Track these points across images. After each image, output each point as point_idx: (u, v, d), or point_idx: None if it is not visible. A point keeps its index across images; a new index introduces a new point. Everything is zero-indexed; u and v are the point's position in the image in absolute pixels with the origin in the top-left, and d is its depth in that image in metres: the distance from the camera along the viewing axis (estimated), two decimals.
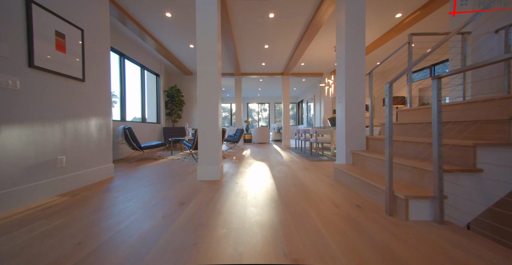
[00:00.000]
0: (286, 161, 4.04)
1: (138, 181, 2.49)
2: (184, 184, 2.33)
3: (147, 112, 6.40)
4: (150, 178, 2.66)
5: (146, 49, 5.60)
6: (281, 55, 6.09)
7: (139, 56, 5.42)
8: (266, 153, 5.34)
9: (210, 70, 2.55)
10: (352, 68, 2.58)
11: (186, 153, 5.36)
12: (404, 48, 2.66)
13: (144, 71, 5.69)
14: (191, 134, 5.49)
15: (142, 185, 2.31)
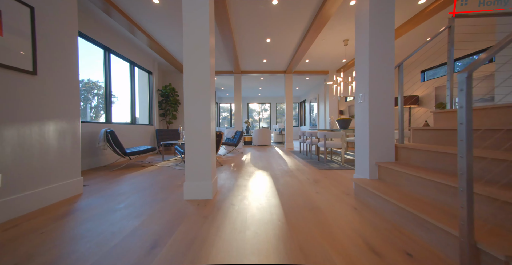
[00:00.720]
0: (292, 169, 3.53)
1: (110, 201, 1.99)
2: (165, 207, 1.82)
3: (138, 112, 5.90)
4: (126, 195, 2.16)
5: (137, 44, 5.10)
6: (284, 51, 5.57)
7: (128, 51, 4.92)
8: (268, 158, 4.83)
9: (201, 67, 2.05)
10: (377, 60, 2.07)
11: (179, 159, 4.85)
12: (435, 34, 2.14)
13: (134, 68, 5.19)
14: None
15: (111, 208, 1.80)
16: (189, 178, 2.04)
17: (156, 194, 2.18)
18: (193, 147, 2.05)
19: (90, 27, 3.80)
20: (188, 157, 2.04)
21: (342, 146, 3.84)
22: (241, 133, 5.88)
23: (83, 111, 4.27)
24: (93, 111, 4.95)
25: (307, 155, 5.14)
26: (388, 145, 2.06)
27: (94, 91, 5.11)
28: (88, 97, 5.03)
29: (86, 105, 4.75)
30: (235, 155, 5.49)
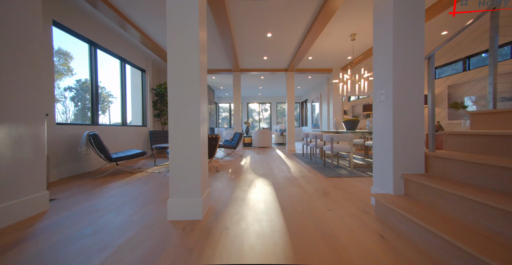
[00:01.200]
0: (296, 176, 3.16)
1: (77, 222, 1.63)
2: (142, 233, 1.46)
3: (131, 113, 5.55)
4: (100, 213, 1.79)
5: (128, 40, 4.74)
6: (286, 47, 5.20)
7: (118, 47, 4.56)
8: (269, 163, 4.46)
9: (189, 65, 1.69)
10: (404, 49, 1.70)
11: None
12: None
13: (124, 65, 4.83)
14: None
15: (75, 235, 1.44)
16: (174, 193, 1.67)
17: (136, 212, 1.82)
18: (179, 156, 1.68)
19: (73, 20, 3.44)
20: (173, 168, 1.68)
21: (351, 150, 3.47)
22: (240, 135, 5.52)
23: (81, 112, 3.98)
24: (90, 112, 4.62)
25: (311, 159, 4.77)
26: (417, 153, 1.69)
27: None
28: (86, 97, 4.70)
29: (84, 105, 4.44)
30: (233, 159, 5.13)
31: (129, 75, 5.45)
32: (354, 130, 4.41)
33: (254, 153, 6.32)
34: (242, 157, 5.46)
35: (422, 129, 1.68)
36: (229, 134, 5.88)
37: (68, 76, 3.87)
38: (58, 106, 3.62)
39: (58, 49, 3.62)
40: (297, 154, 5.81)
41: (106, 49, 4.19)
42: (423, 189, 1.52)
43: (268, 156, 5.51)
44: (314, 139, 4.45)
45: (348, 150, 3.50)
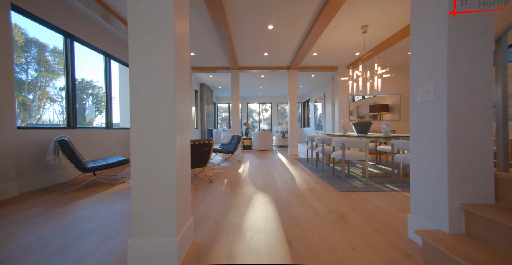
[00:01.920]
0: (303, 190, 2.67)
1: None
2: None
3: (120, 115, 5.07)
4: (36, 256, 1.31)
5: (114, 34, 4.26)
6: (289, 40, 4.72)
7: (101, 40, 4.08)
8: (270, 170, 3.97)
9: (159, 60, 1.20)
10: (464, 26, 1.21)
11: None
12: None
13: (109, 60, 4.34)
14: None
15: None
16: (137, 233, 1.18)
17: (90, 254, 1.32)
18: (145, 179, 1.19)
19: (42, 6, 2.96)
20: (136, 196, 1.19)
21: (366, 158, 2.97)
22: (239, 138, 5.03)
23: (79, 113, 3.62)
24: (87, 113, 4.23)
25: (317, 166, 4.28)
26: (484, 174, 1.20)
27: (88, 91, 4.35)
28: (83, 97, 4.28)
29: (82, 106, 4.07)
30: (231, 165, 4.63)
31: (117, 73, 4.97)
32: (366, 133, 3.92)
33: (254, 157, 5.83)
34: (240, 162, 4.97)
35: (491, 140, 1.19)
36: (226, 137, 5.40)
37: (63, 75, 3.62)
38: (55, 106, 3.56)
39: (54, 48, 3.44)
40: (300, 159, 5.32)
41: (85, 42, 3.71)
42: (497, 228, 1.03)
43: (269, 162, 5.02)
44: (320, 143, 3.96)
45: (362, 158, 3.01)
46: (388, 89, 6.67)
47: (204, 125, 8.78)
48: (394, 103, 6.90)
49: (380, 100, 7.09)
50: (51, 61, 3.52)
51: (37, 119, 3.52)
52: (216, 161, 5.20)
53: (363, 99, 7.97)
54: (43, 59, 3.38)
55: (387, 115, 7.00)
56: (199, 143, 2.89)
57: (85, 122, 4.23)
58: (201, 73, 7.37)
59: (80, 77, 3.91)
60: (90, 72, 4.20)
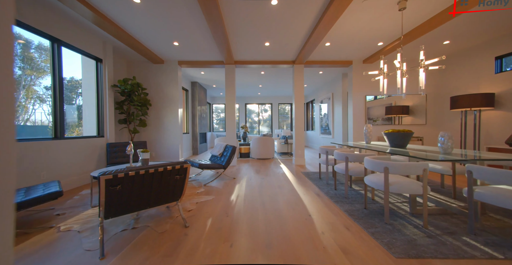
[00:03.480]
0: (332, 247, 1.63)
1: None
2: None
3: (83, 120, 4.00)
4: None
5: (68, 15, 3.20)
6: (298, 23, 3.66)
7: (48, 21, 3.02)
8: (275, 198, 2.92)
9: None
10: None
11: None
12: None
13: (58, 48, 3.26)
14: (141, 160, 3.08)
15: None
16: None
17: None
18: None
19: None
20: None
21: (425, 193, 1.92)
22: (233, 149, 3.97)
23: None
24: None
25: (335, 189, 3.22)
26: None
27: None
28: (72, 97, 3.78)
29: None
30: (223, 184, 3.58)
31: (77, 66, 3.91)
32: (405, 147, 2.87)
33: (252, 171, 4.77)
34: (235, 180, 3.91)
35: None
36: (218, 147, 4.34)
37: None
38: (44, 107, 3.25)
39: (39, 44, 3.11)
40: (310, 175, 4.26)
41: (20, 22, 2.65)
42: None
43: (271, 179, 3.97)
44: (342, 159, 2.90)
45: (418, 192, 1.95)
46: (409, 88, 5.63)
47: (195, 128, 7.73)
48: (416, 104, 5.86)
49: (397, 100, 6.06)
50: (37, 58, 3.18)
51: (24, 120, 3.16)
52: (205, 177, 4.14)
53: (376, 100, 6.94)
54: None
55: (406, 119, 5.96)
56: (165, 169, 1.84)
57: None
58: (191, 69, 6.31)
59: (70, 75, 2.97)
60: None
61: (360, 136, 5.53)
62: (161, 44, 4.39)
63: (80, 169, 3.51)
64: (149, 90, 5.35)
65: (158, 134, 5.41)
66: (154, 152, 5.42)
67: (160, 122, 5.41)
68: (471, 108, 4.15)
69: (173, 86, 5.40)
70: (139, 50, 4.48)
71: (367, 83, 5.56)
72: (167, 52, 4.88)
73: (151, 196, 1.86)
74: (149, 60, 5.15)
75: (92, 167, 3.77)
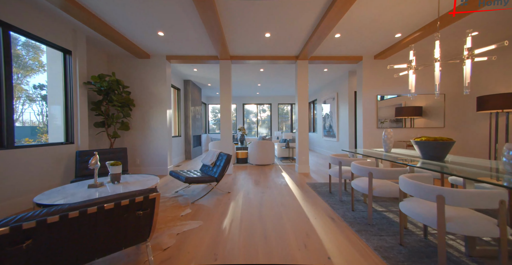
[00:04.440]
0: None
1: None
2: None
3: (48, 123, 3.36)
4: None
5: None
6: (304, 11, 3.05)
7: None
8: (279, 220, 2.30)
9: None
10: None
11: None
12: None
13: (5, 33, 2.60)
14: (110, 175, 2.44)
15: None
16: None
17: None
18: None
19: None
20: None
21: (503, 233, 1.33)
22: (227, 158, 3.35)
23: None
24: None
25: (353, 210, 2.61)
26: None
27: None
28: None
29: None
30: (215, 201, 2.95)
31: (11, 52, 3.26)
32: (442, 159, 2.27)
33: (250, 181, 4.16)
34: (229, 195, 3.29)
35: None
36: (210, 155, 3.71)
37: (40, 72, 3.32)
38: (34, 107, 3.23)
39: (26, 41, 3.02)
40: (317, 187, 3.66)
41: None
42: None
43: (272, 193, 3.35)
44: (363, 175, 2.30)
45: (491, 233, 1.35)
46: (422, 87, 5.05)
47: (188, 131, 7.08)
48: (430, 105, 5.27)
49: (407, 101, 5.48)
50: (24, 55, 3.07)
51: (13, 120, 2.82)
52: (195, 191, 3.51)
53: (383, 100, 6.37)
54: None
55: (419, 121, 5.38)
56: (117, 206, 1.21)
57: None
58: (182, 66, 5.67)
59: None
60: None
61: (371, 141, 4.95)
62: (143, 35, 3.75)
63: (34, 186, 2.85)
64: (133, 88, 4.70)
65: (144, 138, 4.76)
66: (139, 159, 4.77)
67: (146, 125, 4.77)
68: (503, 110, 3.58)
69: (161, 84, 4.76)
70: (118, 41, 3.84)
71: (379, 81, 4.99)
72: (152, 45, 4.24)
73: (96, 245, 1.23)
74: (133, 54, 4.51)
75: (54, 182, 3.12)
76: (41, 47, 3.24)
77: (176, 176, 3.15)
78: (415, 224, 2.22)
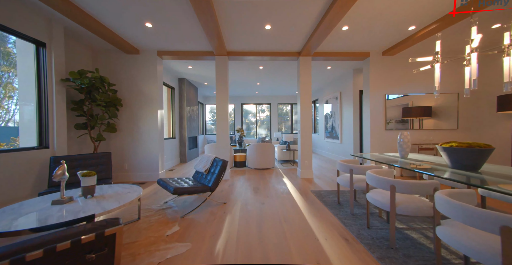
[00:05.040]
0: None
1: None
2: None
3: (19, 125, 2.96)
4: None
5: None
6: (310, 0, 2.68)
7: None
8: (283, 243, 1.92)
9: None
10: None
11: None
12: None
13: None
14: (81, 188, 2.05)
15: None
16: None
17: None
18: None
19: None
20: None
21: None
22: (223, 164, 2.96)
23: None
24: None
25: (369, 227, 2.24)
26: None
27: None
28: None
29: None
30: (207, 216, 2.56)
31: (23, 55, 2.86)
32: (477, 169, 1.91)
33: (249, 189, 3.77)
34: (225, 207, 2.90)
35: None
36: (204, 161, 3.31)
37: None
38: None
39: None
40: (323, 196, 3.28)
41: None
42: None
43: (273, 204, 2.97)
44: (383, 188, 1.93)
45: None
46: (432, 85, 4.70)
47: (183, 132, 6.69)
48: (441, 105, 4.92)
49: (415, 100, 5.12)
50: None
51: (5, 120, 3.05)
52: (186, 201, 3.12)
53: (387, 99, 6.02)
54: None
55: (428, 121, 5.03)
56: (50, 251, 0.82)
57: None
58: (176, 63, 5.28)
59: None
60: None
61: (379, 144, 4.59)
62: (129, 26, 3.36)
63: (8, 194, 2.46)
64: (120, 87, 4.30)
65: (132, 141, 4.36)
66: (127, 163, 4.37)
67: (135, 126, 4.37)
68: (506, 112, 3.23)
69: (151, 82, 4.37)
70: (102, 34, 3.44)
71: (388, 79, 4.63)
72: (141, 39, 3.85)
73: None
74: (121, 49, 4.11)
75: (22, 194, 2.72)
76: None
77: (164, 186, 2.76)
78: (448, 247, 1.85)
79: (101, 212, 1.68)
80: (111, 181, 3.04)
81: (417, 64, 4.39)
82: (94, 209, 1.73)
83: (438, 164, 2.24)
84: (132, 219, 2.46)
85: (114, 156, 4.25)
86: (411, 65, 4.54)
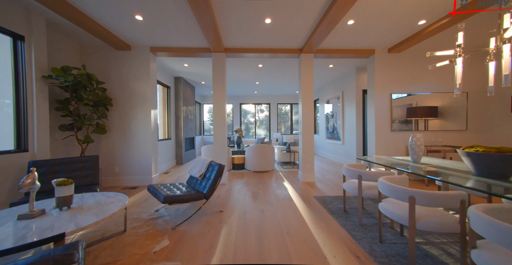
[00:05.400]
0: None
1: None
2: None
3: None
4: None
5: None
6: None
7: None
8: (290, 262, 1.68)
9: None
10: None
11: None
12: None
13: None
14: (56, 199, 1.79)
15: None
16: None
17: None
18: None
19: None
20: None
21: None
22: (219, 168, 2.71)
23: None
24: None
25: (381, 241, 2.00)
26: None
27: None
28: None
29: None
30: (201, 227, 2.31)
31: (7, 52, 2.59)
32: (508, 179, 1.67)
33: (248, 195, 3.53)
34: (222, 215, 2.66)
35: None
36: (199, 165, 3.06)
37: None
38: None
39: None
40: (327, 203, 3.05)
41: None
42: None
43: (274, 212, 2.73)
44: (401, 199, 1.69)
45: None
46: (438, 85, 4.48)
47: (180, 133, 6.42)
48: (447, 105, 4.70)
49: (419, 100, 4.90)
50: None
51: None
52: (179, 209, 2.86)
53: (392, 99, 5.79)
54: None
55: (434, 122, 4.80)
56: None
57: None
58: (171, 61, 5.02)
59: None
60: None
61: (384, 146, 4.36)
62: (118, 19, 3.10)
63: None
64: (110, 85, 4.04)
65: (124, 143, 4.10)
66: (118, 167, 4.11)
67: (126, 127, 4.10)
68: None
69: (144, 80, 4.11)
70: (89, 28, 3.18)
71: (393, 78, 4.40)
72: (133, 34, 3.59)
73: None
74: (111, 45, 3.85)
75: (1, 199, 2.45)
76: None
77: (154, 193, 2.50)
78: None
79: (73, 230, 1.43)
80: (97, 187, 2.78)
81: (434, 59, 4.15)
82: (65, 226, 1.48)
83: (456, 170, 2.01)
84: (117, 231, 2.21)
85: (104, 159, 3.99)
86: (419, 62, 4.32)
